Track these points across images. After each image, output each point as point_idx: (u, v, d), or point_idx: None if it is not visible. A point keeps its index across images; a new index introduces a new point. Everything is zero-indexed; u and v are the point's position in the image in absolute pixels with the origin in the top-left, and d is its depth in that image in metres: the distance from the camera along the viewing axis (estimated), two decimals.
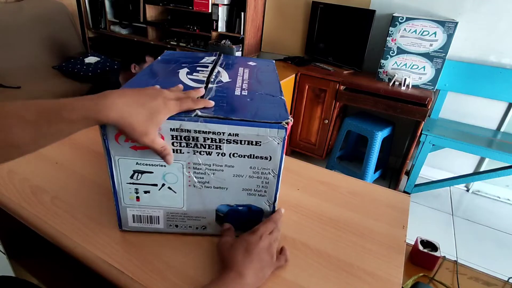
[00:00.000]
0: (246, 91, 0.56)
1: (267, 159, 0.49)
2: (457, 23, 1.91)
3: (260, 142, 0.48)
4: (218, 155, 0.48)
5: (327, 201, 0.70)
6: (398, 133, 2.36)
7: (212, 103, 0.49)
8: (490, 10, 1.96)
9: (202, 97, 0.51)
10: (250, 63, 0.73)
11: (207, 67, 0.66)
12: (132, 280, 0.48)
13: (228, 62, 0.71)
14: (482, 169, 2.27)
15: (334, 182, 0.77)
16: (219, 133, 0.46)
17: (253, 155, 0.49)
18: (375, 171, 2.22)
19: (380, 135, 2.06)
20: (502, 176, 1.95)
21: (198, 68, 0.65)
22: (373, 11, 2.11)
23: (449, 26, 1.91)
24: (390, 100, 2.03)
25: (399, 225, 0.65)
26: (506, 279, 0.92)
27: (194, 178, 0.51)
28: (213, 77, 0.61)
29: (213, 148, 0.48)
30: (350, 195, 0.73)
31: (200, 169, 0.50)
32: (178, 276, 0.49)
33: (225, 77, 0.62)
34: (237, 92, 0.55)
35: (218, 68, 0.66)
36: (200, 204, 0.54)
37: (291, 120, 0.47)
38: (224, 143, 0.47)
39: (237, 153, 0.49)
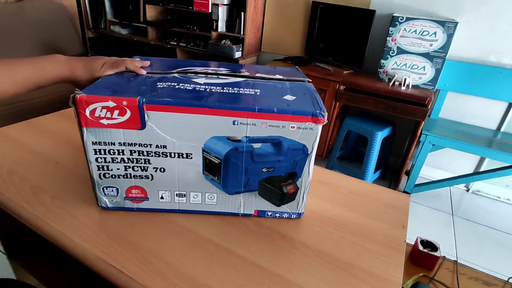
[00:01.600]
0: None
1: None
2: (457, 23, 1.91)
3: None
4: None
5: (327, 201, 0.70)
6: (398, 133, 2.36)
7: (148, 63, 0.67)
8: (490, 10, 1.96)
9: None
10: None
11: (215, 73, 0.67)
12: (131, 280, 0.48)
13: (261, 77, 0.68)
14: (482, 169, 2.27)
15: (334, 182, 0.77)
16: None
17: None
18: (375, 171, 2.21)
19: (380, 135, 2.06)
20: (502, 176, 1.95)
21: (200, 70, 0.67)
22: (373, 11, 2.11)
23: (449, 26, 1.91)
24: (390, 100, 2.03)
25: (399, 225, 0.65)
26: (506, 279, 0.92)
27: None
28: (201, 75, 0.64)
29: None
30: (350, 195, 0.73)
31: None
32: (178, 276, 0.49)
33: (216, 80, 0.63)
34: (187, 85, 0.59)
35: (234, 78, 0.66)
36: None
37: None
38: None
39: None
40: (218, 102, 0.52)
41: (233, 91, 0.58)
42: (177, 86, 0.57)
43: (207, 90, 0.57)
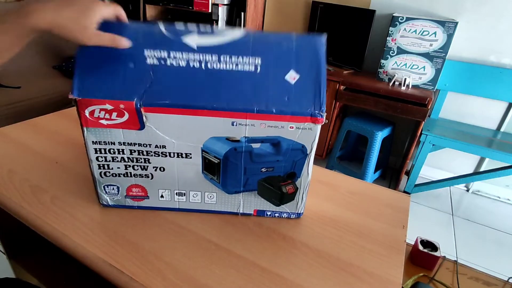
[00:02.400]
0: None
1: None
2: (457, 23, 1.91)
3: None
4: None
5: (327, 201, 0.70)
6: (398, 133, 2.36)
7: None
8: (490, 10, 1.96)
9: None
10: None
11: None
12: (132, 280, 0.48)
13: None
14: (482, 169, 2.27)
15: (334, 182, 0.77)
16: None
17: None
18: (375, 171, 2.21)
19: (380, 135, 2.06)
20: (502, 176, 1.95)
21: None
22: (373, 11, 2.11)
23: (449, 26, 1.91)
24: (390, 100, 2.03)
25: (399, 225, 0.65)
26: (506, 279, 0.92)
27: None
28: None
29: None
30: (350, 195, 0.73)
31: None
32: (178, 276, 0.50)
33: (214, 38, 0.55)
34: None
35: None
36: None
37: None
38: None
39: None
40: (215, 102, 0.51)
41: (231, 65, 0.53)
42: (169, 62, 0.52)
43: (203, 65, 0.53)
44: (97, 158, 0.56)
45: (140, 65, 0.52)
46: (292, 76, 0.54)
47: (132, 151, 0.56)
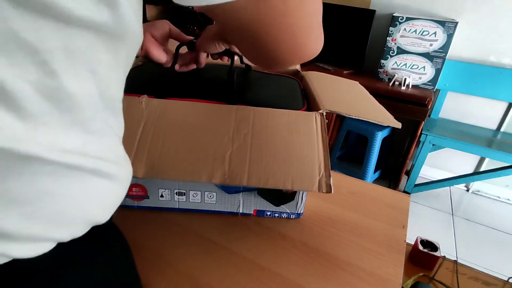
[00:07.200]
0: None
1: None
2: (457, 23, 1.91)
3: None
4: None
5: (327, 201, 0.70)
6: (398, 133, 2.36)
7: None
8: (490, 10, 1.96)
9: None
10: None
11: None
12: None
13: None
14: (482, 169, 2.27)
15: (334, 182, 0.77)
16: None
17: None
18: (375, 171, 2.22)
19: (380, 135, 2.06)
20: (502, 176, 1.95)
21: None
22: (373, 11, 2.11)
23: (449, 26, 1.91)
24: (390, 100, 2.03)
25: (399, 225, 0.65)
26: (506, 279, 0.92)
27: None
28: None
29: None
30: (350, 195, 0.73)
31: None
32: (179, 275, 0.50)
33: None
34: None
35: None
36: None
37: None
38: None
39: None
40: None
41: None
42: None
43: None
44: None
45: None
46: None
47: None
